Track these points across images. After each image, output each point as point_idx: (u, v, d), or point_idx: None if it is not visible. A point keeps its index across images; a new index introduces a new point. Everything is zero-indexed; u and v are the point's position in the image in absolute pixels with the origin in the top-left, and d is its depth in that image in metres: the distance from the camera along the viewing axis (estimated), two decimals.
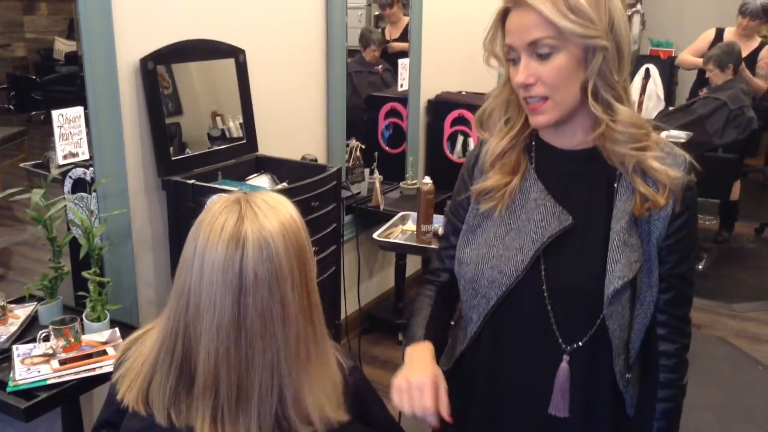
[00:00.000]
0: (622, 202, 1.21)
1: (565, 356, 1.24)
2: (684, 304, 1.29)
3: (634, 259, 1.20)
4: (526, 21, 1.15)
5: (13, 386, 1.64)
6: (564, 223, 1.22)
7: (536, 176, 1.27)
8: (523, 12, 1.16)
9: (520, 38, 1.17)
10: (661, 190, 1.20)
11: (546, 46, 1.15)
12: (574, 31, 1.13)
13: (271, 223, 1.03)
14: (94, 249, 1.96)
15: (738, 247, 5.07)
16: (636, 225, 1.22)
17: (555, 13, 1.12)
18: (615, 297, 1.19)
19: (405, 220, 2.96)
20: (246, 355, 1.02)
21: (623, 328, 1.22)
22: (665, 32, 7.33)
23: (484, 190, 1.29)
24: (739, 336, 3.75)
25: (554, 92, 1.18)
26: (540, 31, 1.14)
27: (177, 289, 1.05)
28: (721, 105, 4.57)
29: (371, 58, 3.93)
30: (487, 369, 1.33)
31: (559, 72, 1.16)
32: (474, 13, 4.16)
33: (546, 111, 1.19)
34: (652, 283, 1.23)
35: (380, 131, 3.89)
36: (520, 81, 1.17)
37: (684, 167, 1.23)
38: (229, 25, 2.50)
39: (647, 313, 1.24)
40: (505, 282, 1.24)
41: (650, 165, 1.20)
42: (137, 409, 1.07)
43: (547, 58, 1.16)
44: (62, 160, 2.01)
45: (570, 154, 1.26)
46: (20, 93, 3.58)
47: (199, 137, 2.44)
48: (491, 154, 1.30)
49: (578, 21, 1.12)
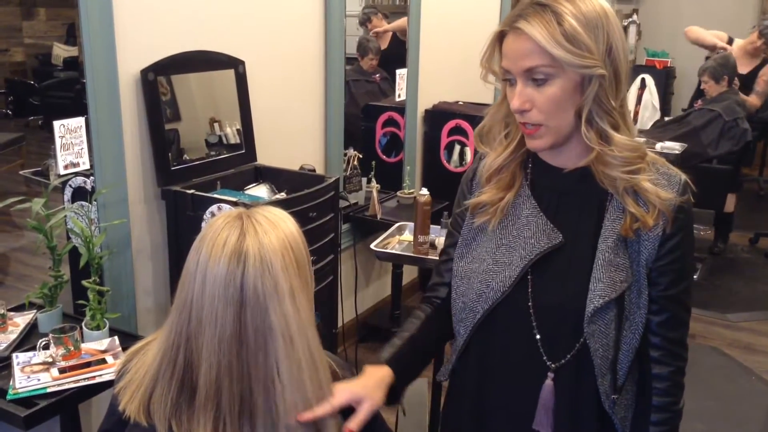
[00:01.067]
0: (611, 221, 1.21)
1: (550, 373, 1.24)
2: (678, 327, 1.27)
3: (619, 279, 1.19)
4: (522, 47, 1.14)
5: (12, 394, 1.65)
6: (553, 241, 1.23)
7: (530, 192, 1.28)
8: (518, 38, 1.15)
9: (515, 63, 1.16)
10: (651, 211, 1.19)
11: (541, 73, 1.14)
12: (570, 62, 1.12)
13: (271, 240, 1.05)
14: (94, 258, 1.97)
15: (732, 257, 5.10)
16: (625, 245, 1.21)
17: (550, 43, 1.11)
18: (596, 316, 1.19)
19: (402, 230, 2.98)
20: (247, 368, 1.04)
21: (607, 348, 1.21)
22: (661, 42, 7.37)
23: (479, 205, 1.30)
24: (733, 346, 3.77)
25: (548, 119, 1.18)
26: (535, 59, 1.14)
27: (179, 302, 1.07)
28: (716, 116, 4.60)
29: (369, 67, 3.95)
30: (475, 383, 1.34)
31: (553, 100, 1.16)
32: (471, 24, 4.20)
33: (541, 136, 1.20)
34: (641, 304, 1.22)
35: (378, 140, 3.91)
36: (515, 107, 1.18)
37: (678, 188, 1.22)
38: (229, 36, 2.52)
39: (635, 335, 1.22)
40: (492, 296, 1.25)
41: (642, 186, 1.19)
42: (139, 420, 1.08)
43: (543, 84, 1.15)
44: (63, 171, 2.03)
45: (564, 172, 1.26)
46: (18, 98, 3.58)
47: (197, 143, 2.45)
48: (488, 168, 1.31)
49: (574, 50, 1.12)
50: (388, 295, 3.79)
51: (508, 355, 1.28)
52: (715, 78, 4.73)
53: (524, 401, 1.27)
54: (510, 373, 1.29)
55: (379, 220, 3.25)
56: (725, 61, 4.76)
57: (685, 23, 5.39)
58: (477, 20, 4.29)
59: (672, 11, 7.40)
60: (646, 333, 1.24)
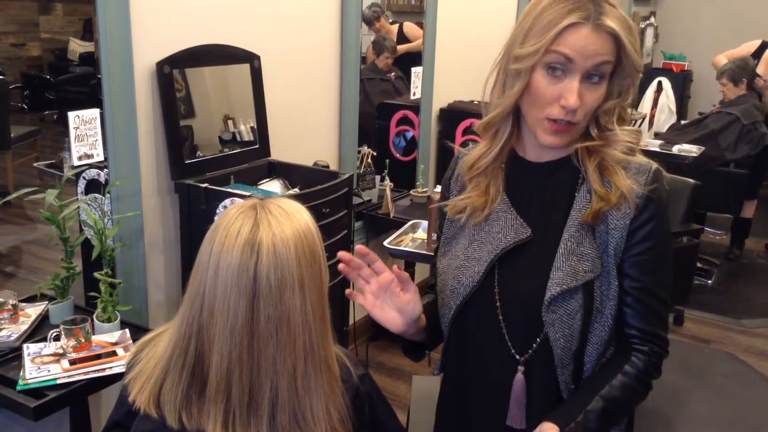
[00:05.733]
0: (576, 210, 1.21)
1: (520, 367, 1.24)
2: (651, 320, 1.23)
3: (583, 268, 1.18)
4: (600, 42, 1.14)
5: (22, 385, 1.65)
6: (521, 236, 1.23)
7: (503, 188, 1.28)
8: (597, 32, 1.13)
9: (585, 57, 1.14)
10: (614, 191, 1.19)
11: (602, 74, 1.16)
12: (639, 67, 1.16)
13: (285, 230, 1.04)
14: (107, 250, 1.96)
15: (748, 262, 5.04)
16: (593, 235, 1.20)
17: (631, 42, 1.14)
18: (555, 304, 1.18)
19: (415, 228, 2.96)
20: (258, 359, 1.03)
21: (570, 338, 1.19)
22: (678, 45, 7.32)
23: (459, 208, 1.31)
24: (748, 352, 3.73)
25: (584, 119, 1.19)
26: (609, 56, 1.14)
27: (191, 292, 1.06)
28: (734, 120, 4.56)
29: (384, 66, 3.95)
30: (454, 379, 1.36)
31: (598, 101, 1.17)
32: (488, 23, 4.17)
33: (568, 135, 1.20)
34: (611, 295, 1.20)
35: (392, 139, 3.89)
36: (572, 103, 1.15)
37: (647, 175, 1.21)
38: (245, 31, 2.52)
39: (605, 327, 1.20)
40: (462, 292, 1.26)
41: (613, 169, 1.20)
42: (149, 411, 1.07)
43: (596, 84, 1.16)
44: (77, 162, 2.02)
45: (537, 166, 1.27)
46: (34, 92, 3.60)
47: (210, 140, 2.45)
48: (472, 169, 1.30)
49: (639, 53, 1.16)
50: None
51: (481, 350, 1.29)
52: (734, 81, 4.69)
53: (499, 396, 1.27)
54: (484, 368, 1.29)
55: (392, 219, 3.24)
56: (744, 64, 4.72)
57: (704, 26, 5.35)
58: (493, 19, 4.26)
59: (690, 14, 7.35)
60: (620, 326, 1.22)
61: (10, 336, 1.83)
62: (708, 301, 4.28)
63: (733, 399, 3.27)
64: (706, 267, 4.72)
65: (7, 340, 1.82)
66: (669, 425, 2.95)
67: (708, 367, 3.55)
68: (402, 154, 3.88)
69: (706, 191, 3.37)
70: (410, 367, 3.34)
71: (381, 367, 3.35)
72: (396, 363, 3.38)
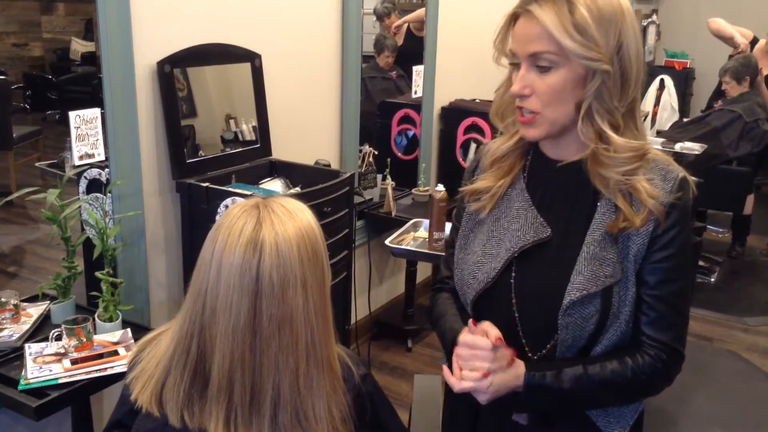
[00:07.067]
0: (600, 215, 1.20)
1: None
2: (665, 330, 1.21)
3: (604, 273, 1.17)
4: (531, 31, 1.14)
5: (24, 384, 1.65)
6: (540, 235, 1.23)
7: (524, 185, 1.28)
8: (529, 21, 1.15)
9: (522, 47, 1.16)
10: (642, 211, 1.17)
11: (546, 60, 1.14)
12: (575, 51, 1.11)
13: (288, 229, 1.04)
14: (108, 249, 1.96)
15: (750, 260, 5.03)
16: (615, 240, 1.19)
17: (559, 30, 1.11)
18: (572, 309, 1.17)
19: (417, 227, 2.96)
20: (260, 358, 1.03)
21: (578, 339, 1.19)
22: (680, 43, 7.31)
23: (476, 192, 1.31)
24: (751, 350, 3.72)
25: (546, 108, 1.17)
26: (542, 45, 1.13)
27: (194, 290, 1.06)
28: (737, 117, 4.55)
29: (385, 64, 3.94)
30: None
31: (554, 89, 1.15)
32: (489, 21, 4.16)
33: (535, 125, 1.20)
34: (628, 301, 1.19)
35: (393, 137, 3.89)
36: (515, 90, 1.18)
37: (673, 184, 1.19)
38: (246, 30, 2.51)
39: (617, 331, 1.20)
40: (477, 287, 1.26)
41: (635, 187, 1.18)
42: (151, 410, 1.07)
43: (546, 72, 1.15)
44: (78, 161, 2.02)
45: (561, 165, 1.25)
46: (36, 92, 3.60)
47: (212, 140, 2.44)
48: (492, 154, 1.32)
49: (581, 41, 1.11)
50: (402, 293, 3.77)
51: None
52: (736, 78, 4.67)
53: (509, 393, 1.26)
54: None
55: (394, 217, 3.23)
56: (747, 62, 4.70)
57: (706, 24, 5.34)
58: (495, 17, 4.22)
59: (692, 12, 7.33)
60: (634, 331, 1.22)
61: (11, 336, 1.83)
62: (710, 299, 4.27)
63: (736, 396, 3.27)
64: (708, 265, 4.71)
65: (8, 339, 1.82)
66: (672, 422, 2.95)
67: (711, 365, 3.55)
68: (403, 152, 3.88)
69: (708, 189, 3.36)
70: (412, 366, 3.35)
71: (383, 366, 3.35)
72: (398, 362, 3.38)
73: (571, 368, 1.19)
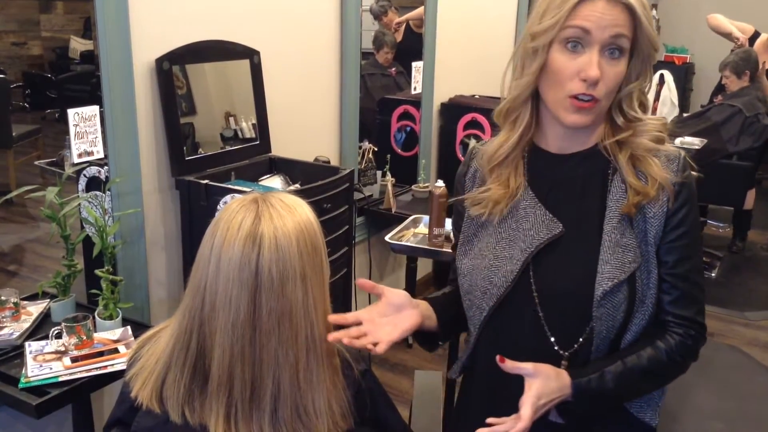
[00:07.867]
0: (614, 201, 1.20)
1: (563, 362, 1.22)
2: (689, 306, 1.23)
3: (628, 259, 1.18)
4: (615, 13, 1.12)
5: (24, 383, 1.64)
6: (553, 231, 1.21)
7: (527, 184, 1.26)
8: (612, 4, 1.12)
9: (601, 28, 1.13)
10: (651, 183, 1.18)
11: (620, 48, 1.14)
12: (655, 43, 1.15)
13: (287, 223, 1.04)
14: (107, 247, 1.96)
15: (751, 255, 5.03)
16: (631, 225, 1.19)
17: (646, 16, 1.13)
18: (605, 299, 1.17)
19: (417, 223, 2.95)
20: (260, 353, 1.03)
21: (611, 330, 1.19)
22: (680, 38, 7.30)
23: (478, 201, 1.29)
24: (752, 344, 3.72)
25: (607, 96, 1.17)
26: (625, 29, 1.13)
27: (193, 285, 1.06)
28: (737, 112, 4.54)
29: (384, 61, 3.94)
30: (487, 379, 1.32)
31: (619, 76, 1.16)
32: (489, 17, 4.16)
33: (592, 112, 1.18)
34: (651, 283, 1.20)
35: (393, 134, 3.89)
36: (593, 75, 1.13)
37: (677, 163, 1.21)
38: (245, 27, 2.51)
39: (645, 315, 1.20)
40: (496, 293, 1.24)
41: (647, 161, 1.19)
42: (151, 407, 1.07)
43: (616, 59, 1.15)
44: (77, 159, 2.02)
45: (562, 158, 1.25)
46: (35, 91, 3.60)
47: (212, 137, 2.44)
48: (490, 160, 1.29)
49: (651, 27, 1.14)
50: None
51: (519, 348, 1.25)
52: (736, 73, 4.67)
53: None
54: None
55: (394, 214, 3.23)
56: (747, 56, 4.69)
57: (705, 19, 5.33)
58: (494, 13, 4.25)
59: (691, 7, 7.32)
60: (657, 311, 1.22)
61: (12, 334, 1.83)
62: (711, 293, 4.27)
63: (737, 391, 3.26)
64: (709, 260, 4.71)
65: (9, 338, 1.82)
66: (673, 417, 2.95)
67: (712, 360, 3.54)
68: (403, 149, 3.88)
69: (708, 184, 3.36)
70: (412, 362, 3.34)
71: (383, 362, 3.35)
72: (398, 358, 3.38)
73: (611, 366, 1.19)
